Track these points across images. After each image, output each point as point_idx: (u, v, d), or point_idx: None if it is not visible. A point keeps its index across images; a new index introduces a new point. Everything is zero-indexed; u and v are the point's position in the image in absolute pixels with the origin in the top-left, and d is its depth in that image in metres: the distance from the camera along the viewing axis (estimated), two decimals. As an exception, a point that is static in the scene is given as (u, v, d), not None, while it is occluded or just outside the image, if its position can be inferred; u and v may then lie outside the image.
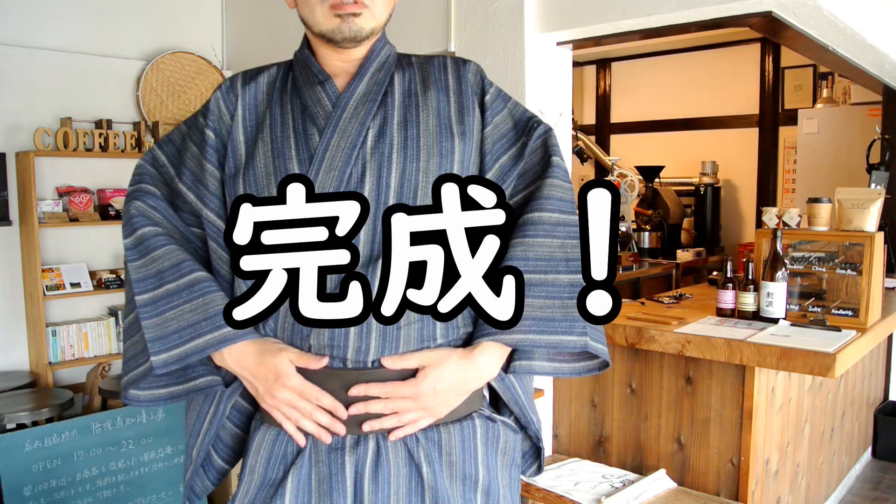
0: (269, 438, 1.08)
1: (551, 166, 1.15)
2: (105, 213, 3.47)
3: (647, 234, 5.05)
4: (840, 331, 2.31)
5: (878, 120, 4.27)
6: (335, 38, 1.09)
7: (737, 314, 2.53)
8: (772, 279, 2.40)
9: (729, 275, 2.54)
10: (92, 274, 3.47)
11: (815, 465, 2.86)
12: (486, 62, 2.57)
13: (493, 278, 1.09)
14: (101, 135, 3.42)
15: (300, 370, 1.03)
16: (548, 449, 2.72)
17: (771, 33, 2.75)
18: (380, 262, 1.02)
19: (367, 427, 1.03)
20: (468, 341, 1.09)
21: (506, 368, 1.11)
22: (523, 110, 1.22)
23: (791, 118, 5.14)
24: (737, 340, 2.16)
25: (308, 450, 1.05)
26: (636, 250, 4.64)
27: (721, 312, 2.55)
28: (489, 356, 1.07)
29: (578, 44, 2.67)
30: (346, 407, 1.03)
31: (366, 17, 1.08)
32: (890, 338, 3.88)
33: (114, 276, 3.50)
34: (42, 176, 3.36)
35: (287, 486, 1.04)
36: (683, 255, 4.92)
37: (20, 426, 2.77)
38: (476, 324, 1.09)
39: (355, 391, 1.02)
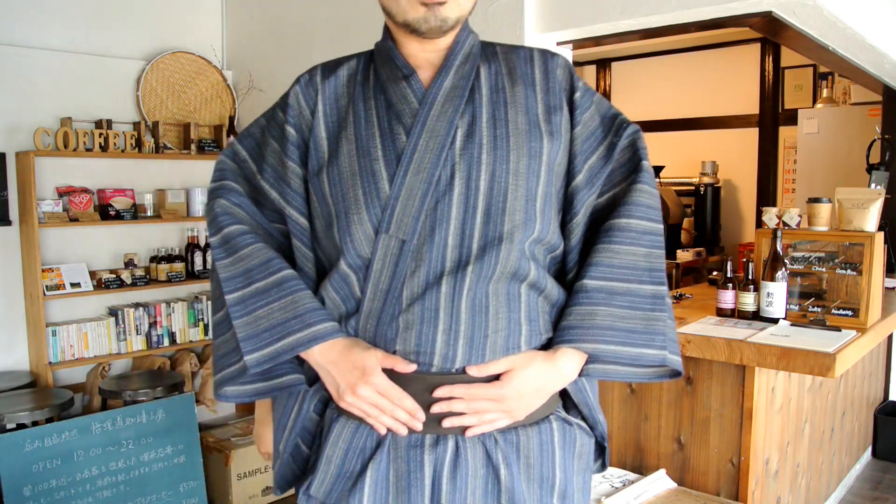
0: (349, 431, 1.07)
1: (641, 170, 1.13)
2: (105, 213, 3.46)
3: (647, 234, 5.04)
4: (840, 331, 2.31)
5: (878, 120, 4.27)
6: (420, 28, 1.04)
7: (737, 314, 2.53)
8: (772, 279, 2.40)
9: (729, 275, 2.54)
10: (92, 274, 3.47)
11: (815, 465, 2.86)
12: (486, 62, 2.57)
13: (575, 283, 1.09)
14: (101, 135, 3.42)
15: (385, 371, 1.03)
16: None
17: (771, 33, 2.75)
18: (469, 267, 1.02)
19: (446, 423, 1.03)
20: (547, 346, 1.09)
21: (580, 371, 1.10)
22: (608, 106, 1.18)
23: (791, 118, 5.13)
24: (737, 340, 2.16)
25: (387, 445, 1.04)
26: (636, 250, 4.63)
27: (721, 312, 2.55)
28: (570, 360, 1.06)
29: (578, 44, 2.67)
30: (428, 406, 1.03)
31: (451, 6, 1.04)
32: (890, 338, 3.88)
33: (114, 276, 3.50)
34: (42, 176, 3.36)
35: (366, 479, 1.04)
36: (683, 255, 4.92)
37: (20, 426, 2.77)
38: (556, 328, 1.09)
39: (440, 392, 1.02)
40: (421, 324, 1.01)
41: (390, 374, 1.03)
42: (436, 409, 1.02)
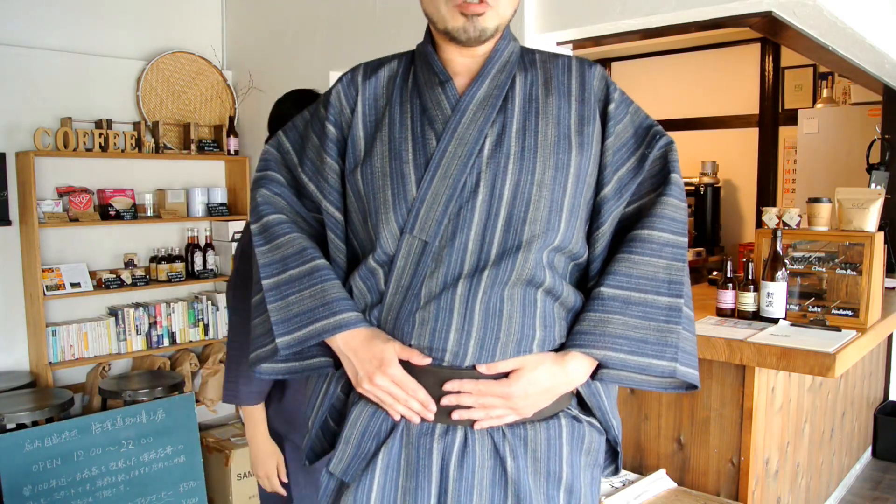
0: (366, 414, 1.12)
1: (669, 183, 1.15)
2: (105, 213, 3.46)
3: (647, 234, 5.04)
4: (840, 331, 2.31)
5: (878, 120, 4.27)
6: (460, 37, 1.09)
7: (737, 314, 2.53)
8: (772, 279, 2.40)
9: (729, 275, 2.54)
10: (92, 274, 3.47)
11: (815, 465, 2.86)
12: (486, 62, 2.57)
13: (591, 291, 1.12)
14: (101, 135, 3.42)
15: (401, 362, 1.08)
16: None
17: (771, 33, 2.75)
18: (485, 272, 1.05)
19: (455, 415, 1.07)
20: (561, 349, 1.11)
21: (593, 375, 1.13)
22: (644, 116, 1.21)
23: (791, 118, 5.14)
24: (737, 340, 2.16)
25: (400, 431, 1.10)
26: (636, 250, 4.63)
27: (721, 312, 2.55)
28: (579, 365, 1.09)
29: (578, 44, 2.67)
30: (439, 399, 1.07)
31: (490, 17, 1.08)
32: (890, 338, 3.88)
33: (114, 276, 3.50)
34: (42, 176, 3.36)
35: (378, 462, 1.09)
36: (683, 255, 4.91)
37: (20, 426, 2.77)
38: (569, 333, 1.11)
39: (450, 386, 1.07)
40: (435, 322, 1.06)
41: (406, 365, 1.08)
42: (445, 401, 1.07)
